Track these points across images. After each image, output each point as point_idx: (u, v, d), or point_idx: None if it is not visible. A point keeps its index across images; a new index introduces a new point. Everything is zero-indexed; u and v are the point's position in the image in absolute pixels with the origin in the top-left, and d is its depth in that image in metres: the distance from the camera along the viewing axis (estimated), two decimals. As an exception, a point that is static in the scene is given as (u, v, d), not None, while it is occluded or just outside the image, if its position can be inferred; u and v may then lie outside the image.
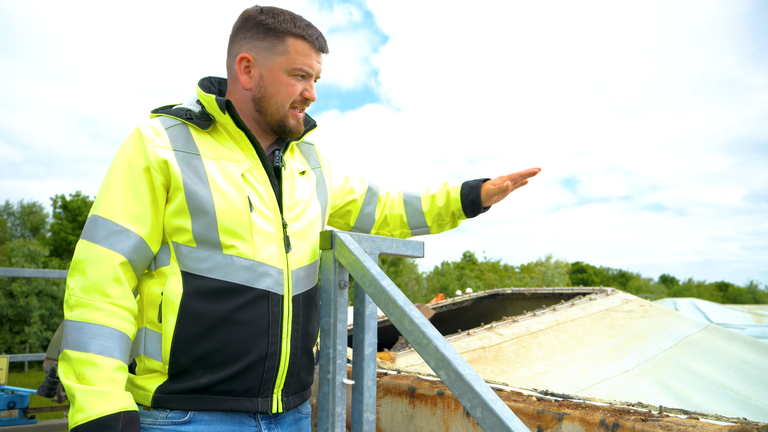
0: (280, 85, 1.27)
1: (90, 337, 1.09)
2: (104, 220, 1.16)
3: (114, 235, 1.15)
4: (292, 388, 1.25)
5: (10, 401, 3.16)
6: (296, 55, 1.26)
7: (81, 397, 1.05)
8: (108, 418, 1.04)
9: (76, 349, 1.08)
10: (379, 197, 1.66)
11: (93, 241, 1.15)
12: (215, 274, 1.17)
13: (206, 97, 1.26)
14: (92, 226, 1.16)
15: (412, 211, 1.64)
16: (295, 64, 1.26)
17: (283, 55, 1.26)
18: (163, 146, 1.20)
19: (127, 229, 1.16)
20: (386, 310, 1.11)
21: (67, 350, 1.09)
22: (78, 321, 1.10)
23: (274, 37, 1.26)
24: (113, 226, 1.16)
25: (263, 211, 1.23)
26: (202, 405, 1.14)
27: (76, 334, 1.09)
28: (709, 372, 2.47)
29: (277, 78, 1.27)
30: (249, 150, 1.28)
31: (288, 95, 1.28)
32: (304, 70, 1.27)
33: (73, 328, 1.10)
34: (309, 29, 1.28)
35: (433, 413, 1.51)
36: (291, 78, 1.27)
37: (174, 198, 1.19)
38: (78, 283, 1.13)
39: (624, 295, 3.23)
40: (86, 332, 1.09)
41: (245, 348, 1.16)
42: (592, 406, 1.21)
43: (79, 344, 1.08)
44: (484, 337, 2.57)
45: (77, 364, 1.07)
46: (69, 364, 1.08)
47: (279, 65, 1.26)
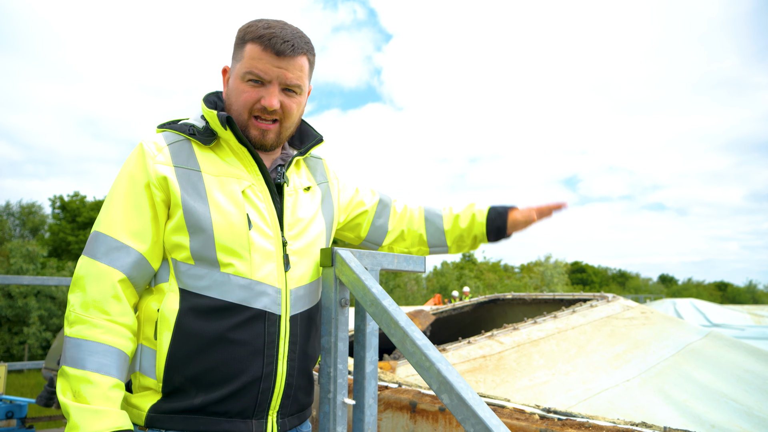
0: (236, 92, 1.25)
1: (87, 354, 1.08)
2: (105, 236, 1.16)
3: (114, 252, 1.14)
4: (288, 409, 1.23)
5: (8, 411, 3.14)
6: (248, 60, 1.22)
7: (76, 415, 1.04)
8: None
9: (73, 366, 1.08)
10: (393, 209, 1.61)
11: (93, 258, 1.14)
12: (212, 292, 1.16)
13: (209, 113, 1.25)
14: (93, 242, 1.16)
15: (434, 229, 1.60)
16: (246, 68, 1.22)
17: (240, 61, 1.24)
18: (163, 162, 1.19)
19: (127, 245, 1.15)
20: (388, 330, 1.10)
21: (65, 366, 1.09)
22: (76, 338, 1.10)
23: (238, 45, 1.26)
24: (113, 242, 1.15)
25: (263, 229, 1.21)
26: (195, 426, 1.13)
27: (74, 350, 1.09)
28: (711, 381, 2.45)
29: (234, 85, 1.25)
30: (251, 166, 1.26)
31: (242, 102, 1.23)
32: (254, 74, 1.21)
33: (71, 344, 1.09)
34: (266, 31, 1.21)
35: (434, 429, 1.50)
36: (245, 84, 1.23)
37: (173, 215, 1.18)
38: (78, 299, 1.12)
39: (625, 302, 3.22)
40: (84, 349, 1.09)
41: (240, 368, 1.15)
42: (595, 426, 1.20)
43: (77, 361, 1.08)
44: (485, 346, 2.56)
45: (74, 381, 1.07)
46: (67, 381, 1.08)
47: (237, 72, 1.25)
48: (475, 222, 1.58)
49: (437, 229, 1.60)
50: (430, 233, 1.60)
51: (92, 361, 1.07)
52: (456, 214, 1.60)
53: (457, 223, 1.59)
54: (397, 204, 1.63)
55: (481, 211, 1.58)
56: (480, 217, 1.57)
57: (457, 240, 1.61)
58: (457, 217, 1.60)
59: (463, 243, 1.61)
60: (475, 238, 1.59)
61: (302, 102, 1.31)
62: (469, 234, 1.59)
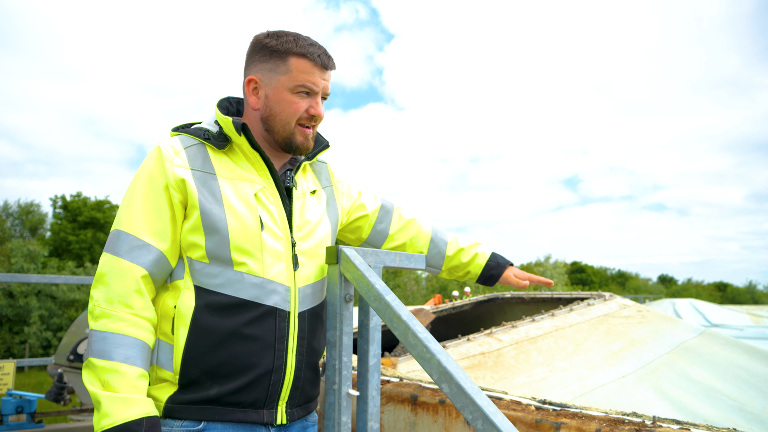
0: (284, 104, 1.31)
1: (114, 347, 1.13)
2: (127, 235, 1.21)
3: (136, 250, 1.20)
4: (296, 400, 1.29)
5: (18, 406, 3.20)
6: (298, 73, 1.30)
7: (106, 403, 1.10)
8: (132, 423, 1.09)
9: (100, 358, 1.13)
10: (396, 215, 1.69)
11: (116, 255, 1.20)
12: (226, 289, 1.21)
13: (224, 119, 1.31)
14: (115, 241, 1.21)
15: (436, 252, 1.70)
16: (297, 81, 1.30)
17: (286, 74, 1.30)
18: (181, 165, 1.25)
19: (148, 243, 1.21)
20: (390, 324, 1.15)
21: (92, 358, 1.14)
22: (102, 331, 1.15)
23: (277, 57, 1.31)
24: (135, 240, 1.20)
25: (274, 231, 1.28)
26: (211, 416, 1.18)
27: (100, 343, 1.14)
28: (706, 378, 2.51)
29: (281, 96, 1.31)
30: (263, 170, 1.33)
31: (292, 113, 1.32)
32: (307, 86, 1.31)
33: (97, 337, 1.15)
34: (311, 47, 1.31)
35: (434, 421, 1.55)
36: (294, 96, 1.31)
37: (190, 216, 1.24)
38: (102, 294, 1.17)
39: (622, 301, 3.27)
40: (110, 342, 1.14)
41: (252, 362, 1.21)
42: (588, 415, 1.25)
43: (104, 353, 1.13)
44: (484, 343, 2.61)
45: (102, 371, 1.12)
46: (94, 372, 1.13)
47: (282, 84, 1.31)
48: (474, 262, 1.70)
49: (439, 253, 1.71)
50: (432, 254, 1.70)
51: (119, 353, 1.13)
52: (461, 247, 1.71)
53: (458, 255, 1.71)
54: (402, 211, 1.71)
55: (483, 254, 1.70)
56: (481, 259, 1.70)
57: (452, 268, 1.73)
58: (461, 250, 1.71)
59: (456, 272, 1.73)
60: (467, 273, 1.72)
61: None
62: (464, 268, 1.71)
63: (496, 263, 1.70)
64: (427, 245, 1.69)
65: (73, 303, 19.88)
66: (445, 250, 1.70)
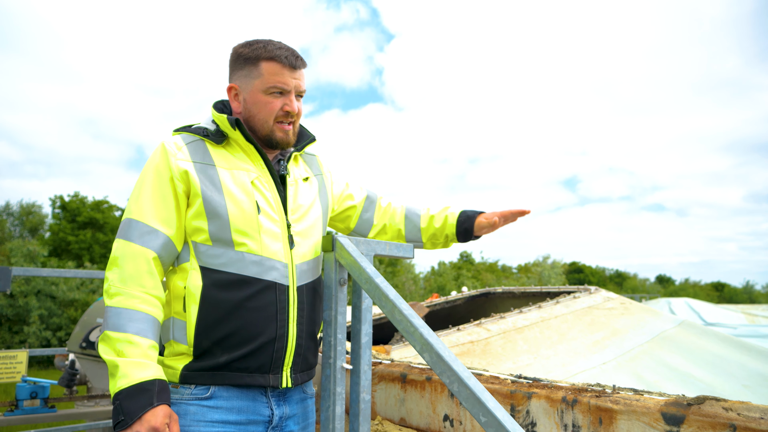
0: (260, 105, 1.47)
1: (128, 321, 1.27)
2: (137, 222, 1.35)
3: (146, 235, 1.34)
4: (299, 366, 1.44)
5: (33, 391, 3.35)
6: (268, 76, 1.45)
7: (123, 367, 1.24)
8: (146, 383, 1.23)
9: (116, 330, 1.27)
10: (378, 205, 1.84)
11: (128, 240, 1.34)
12: (229, 268, 1.36)
13: (219, 117, 1.47)
14: (127, 228, 1.36)
15: (411, 226, 1.82)
16: (268, 83, 1.45)
17: (258, 78, 1.46)
18: (183, 159, 1.40)
19: (156, 229, 1.35)
20: (380, 303, 1.30)
21: (107, 331, 1.28)
22: (117, 307, 1.29)
23: (250, 64, 1.47)
24: (145, 227, 1.35)
25: (269, 214, 1.43)
26: (222, 380, 1.33)
27: (115, 318, 1.28)
28: (681, 364, 2.66)
29: (256, 99, 1.47)
30: (257, 160, 1.48)
31: (268, 112, 1.47)
32: (278, 87, 1.46)
33: (113, 313, 1.29)
34: (278, 50, 1.46)
35: (422, 396, 1.70)
36: (268, 96, 1.46)
37: (193, 203, 1.39)
38: (116, 275, 1.32)
39: (606, 294, 3.42)
40: (124, 316, 1.28)
41: (257, 331, 1.35)
42: (556, 386, 1.40)
43: (119, 326, 1.27)
44: (473, 333, 2.76)
45: (117, 342, 1.26)
46: (109, 343, 1.27)
47: (256, 87, 1.46)
48: (447, 223, 1.79)
49: (414, 227, 1.82)
50: (408, 230, 1.83)
51: (132, 326, 1.27)
52: (432, 214, 1.82)
53: (431, 223, 1.81)
54: (382, 200, 1.85)
55: (453, 214, 1.79)
56: (451, 219, 1.79)
57: (431, 237, 1.82)
58: (433, 217, 1.82)
59: (437, 241, 1.83)
60: (446, 237, 1.81)
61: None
62: (441, 233, 1.81)
63: (466, 217, 1.77)
64: (403, 222, 1.82)
65: (73, 302, 20.00)
66: (419, 222, 1.82)
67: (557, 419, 1.34)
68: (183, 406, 1.32)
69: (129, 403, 1.21)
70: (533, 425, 1.38)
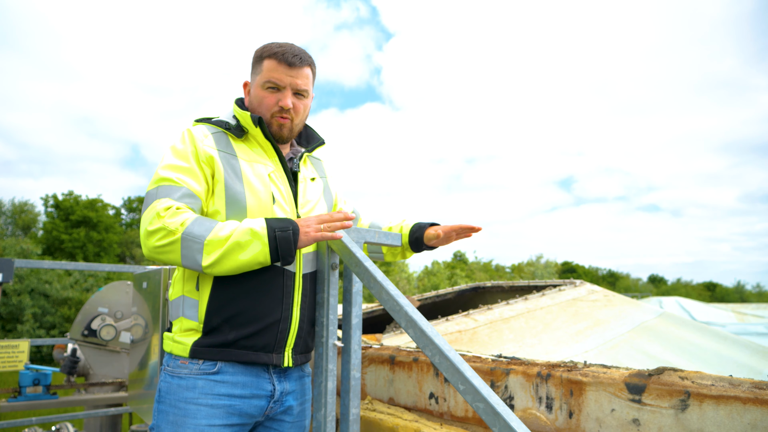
0: (258, 98, 1.59)
1: (208, 222, 1.38)
2: (179, 187, 1.43)
3: (187, 197, 1.43)
4: (299, 348, 1.54)
5: (35, 379, 3.45)
6: (266, 72, 1.57)
7: (248, 222, 1.38)
8: (267, 218, 1.42)
9: (209, 231, 1.36)
10: (359, 222, 1.94)
11: (170, 197, 1.41)
12: None
13: (242, 113, 1.58)
14: (167, 189, 1.42)
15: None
16: (264, 78, 1.57)
17: (259, 74, 1.59)
18: (210, 146, 1.51)
19: (195, 195, 1.44)
20: (368, 284, 1.40)
21: (206, 239, 1.35)
22: (190, 223, 1.36)
23: (256, 62, 1.61)
24: (187, 190, 1.43)
25: (283, 206, 1.54)
26: (229, 357, 1.43)
27: (199, 227, 1.36)
28: (660, 352, 2.78)
29: (256, 93, 1.60)
30: (273, 156, 1.60)
31: (266, 107, 1.58)
32: (272, 82, 1.57)
33: (193, 227, 1.36)
34: (279, 49, 1.57)
35: (409, 376, 1.81)
36: (265, 91, 1.58)
37: (215, 188, 1.49)
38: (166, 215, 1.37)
39: (591, 286, 3.54)
40: (202, 221, 1.38)
41: (264, 312, 1.45)
42: (533, 362, 1.51)
43: (208, 228, 1.36)
44: (461, 323, 2.87)
45: (220, 231, 1.36)
46: (216, 241, 1.34)
47: (257, 83, 1.59)
48: (402, 234, 1.85)
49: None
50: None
51: (213, 222, 1.38)
52: (390, 227, 1.91)
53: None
54: (361, 218, 1.94)
55: (407, 225, 1.86)
56: (405, 229, 1.85)
57: (390, 249, 1.88)
58: (390, 229, 1.90)
59: (395, 251, 1.89)
60: (402, 248, 1.86)
61: (308, 105, 1.65)
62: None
63: (418, 227, 1.81)
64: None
65: (66, 301, 19.99)
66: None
67: (533, 392, 1.45)
68: (191, 380, 1.42)
69: (279, 224, 1.38)
70: (511, 398, 1.49)
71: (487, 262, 38.20)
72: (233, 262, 1.36)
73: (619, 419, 1.28)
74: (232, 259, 1.35)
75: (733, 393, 1.11)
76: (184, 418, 1.38)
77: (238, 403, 1.43)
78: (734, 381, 1.15)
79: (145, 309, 2.57)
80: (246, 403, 1.44)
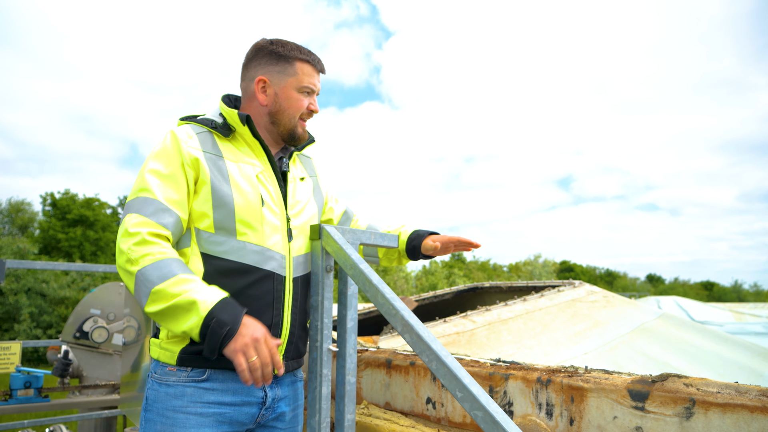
0: (291, 101, 1.56)
1: (170, 268, 1.29)
2: (153, 200, 1.37)
3: (160, 212, 1.37)
4: (291, 353, 1.50)
5: (26, 381, 3.40)
6: (303, 76, 1.56)
7: (197, 294, 1.25)
8: (227, 298, 1.29)
9: (164, 280, 1.27)
10: (353, 221, 1.90)
11: (141, 213, 1.35)
12: (230, 256, 1.42)
13: (229, 111, 1.53)
14: (141, 203, 1.37)
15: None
16: (303, 83, 1.56)
17: (293, 76, 1.56)
18: (194, 147, 1.46)
19: (170, 208, 1.38)
20: (364, 287, 1.36)
21: (155, 287, 1.26)
22: (151, 263, 1.28)
23: (284, 62, 1.56)
24: (160, 204, 1.37)
25: (272, 207, 1.50)
26: (218, 364, 1.38)
27: (156, 271, 1.28)
28: (659, 354, 2.75)
29: (288, 95, 1.56)
30: (262, 156, 1.55)
31: (298, 108, 1.57)
32: (310, 87, 1.58)
33: (150, 270, 1.28)
34: (312, 55, 1.59)
35: (406, 380, 1.77)
36: (300, 94, 1.57)
37: (200, 191, 1.44)
38: (132, 241, 1.31)
39: (590, 287, 3.51)
40: (164, 265, 1.29)
41: (254, 317, 1.41)
42: (532, 367, 1.48)
43: (165, 275, 1.27)
44: (459, 324, 2.83)
45: (173, 286, 1.26)
46: (163, 295, 1.25)
47: (290, 84, 1.56)
48: (399, 240, 1.81)
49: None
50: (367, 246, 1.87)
51: (178, 269, 1.29)
52: (388, 230, 1.88)
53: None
54: (355, 218, 1.91)
55: (405, 232, 1.83)
56: (403, 236, 1.83)
57: (386, 253, 1.87)
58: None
59: (391, 257, 1.87)
60: (399, 254, 1.85)
61: None
62: (393, 250, 1.84)
63: (417, 235, 1.80)
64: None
65: (63, 300, 19.92)
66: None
67: (532, 398, 1.41)
68: (180, 388, 1.37)
69: (225, 315, 1.24)
70: (510, 405, 1.46)
71: (485, 261, 38.20)
72: (169, 322, 1.29)
73: (621, 427, 1.24)
74: (169, 320, 1.28)
75: (740, 401, 1.08)
76: (172, 427, 1.34)
77: (228, 411, 1.39)
78: (741, 388, 1.12)
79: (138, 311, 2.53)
80: (236, 410, 1.40)
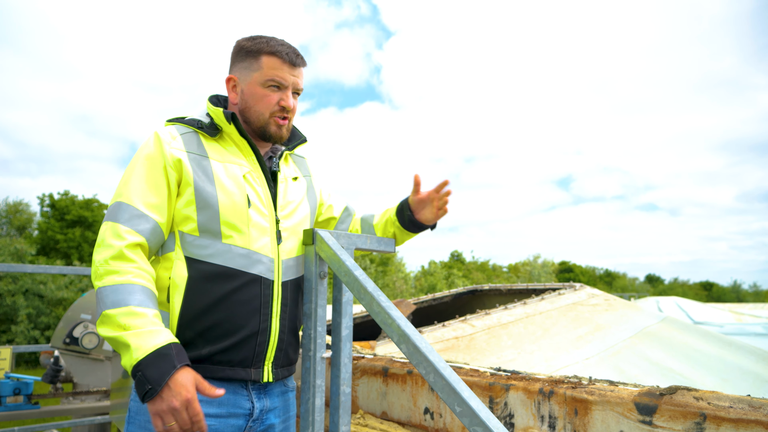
0: (257, 97, 1.48)
1: (127, 294, 1.23)
2: (127, 206, 1.33)
3: (135, 218, 1.32)
4: (280, 361, 1.44)
5: (16, 388, 3.33)
6: (268, 69, 1.47)
7: (134, 339, 1.19)
8: (163, 348, 1.20)
9: (116, 307, 1.22)
10: (353, 218, 1.84)
11: (116, 221, 1.31)
12: (216, 259, 1.36)
13: (215, 110, 1.48)
14: (116, 210, 1.33)
15: (367, 226, 1.80)
16: (267, 76, 1.47)
17: (258, 71, 1.48)
18: (178, 148, 1.40)
19: (146, 214, 1.33)
20: (358, 295, 1.31)
21: (106, 311, 1.22)
22: (112, 285, 1.24)
23: (251, 57, 1.49)
24: (135, 211, 1.33)
25: (259, 208, 1.44)
26: (204, 372, 1.33)
27: (113, 295, 1.23)
28: (663, 359, 2.69)
29: (254, 91, 1.49)
30: (250, 155, 1.49)
31: (266, 105, 1.48)
32: (276, 81, 1.48)
33: (108, 291, 1.24)
34: (280, 47, 1.49)
35: (403, 390, 1.71)
36: (266, 90, 1.48)
37: (184, 192, 1.38)
38: (104, 255, 1.27)
39: (591, 290, 3.45)
40: (122, 291, 1.23)
41: (240, 324, 1.36)
42: (534, 378, 1.42)
43: (119, 302, 1.22)
44: (458, 328, 2.77)
45: (121, 317, 1.21)
46: (111, 322, 1.21)
47: (255, 80, 1.48)
48: (389, 220, 1.74)
49: (369, 226, 1.80)
50: (364, 230, 1.82)
51: (132, 299, 1.23)
52: (380, 213, 1.81)
53: (381, 220, 1.78)
54: (356, 215, 1.85)
55: (391, 209, 1.75)
56: (390, 214, 1.74)
57: (385, 235, 1.77)
58: (381, 214, 1.80)
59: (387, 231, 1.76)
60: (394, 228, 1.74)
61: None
62: (390, 229, 1.75)
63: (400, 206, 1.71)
64: (359, 224, 1.81)
65: (61, 302, 19.83)
66: (372, 221, 1.79)
67: (534, 410, 1.36)
68: None
69: (151, 371, 1.17)
70: (511, 417, 1.40)
71: (484, 262, 38.16)
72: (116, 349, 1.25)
73: (627, 441, 1.18)
74: (115, 348, 1.24)
75: (753, 416, 1.02)
76: None
77: (213, 423, 1.33)
78: (755, 403, 1.06)
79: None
80: (222, 422, 1.35)
